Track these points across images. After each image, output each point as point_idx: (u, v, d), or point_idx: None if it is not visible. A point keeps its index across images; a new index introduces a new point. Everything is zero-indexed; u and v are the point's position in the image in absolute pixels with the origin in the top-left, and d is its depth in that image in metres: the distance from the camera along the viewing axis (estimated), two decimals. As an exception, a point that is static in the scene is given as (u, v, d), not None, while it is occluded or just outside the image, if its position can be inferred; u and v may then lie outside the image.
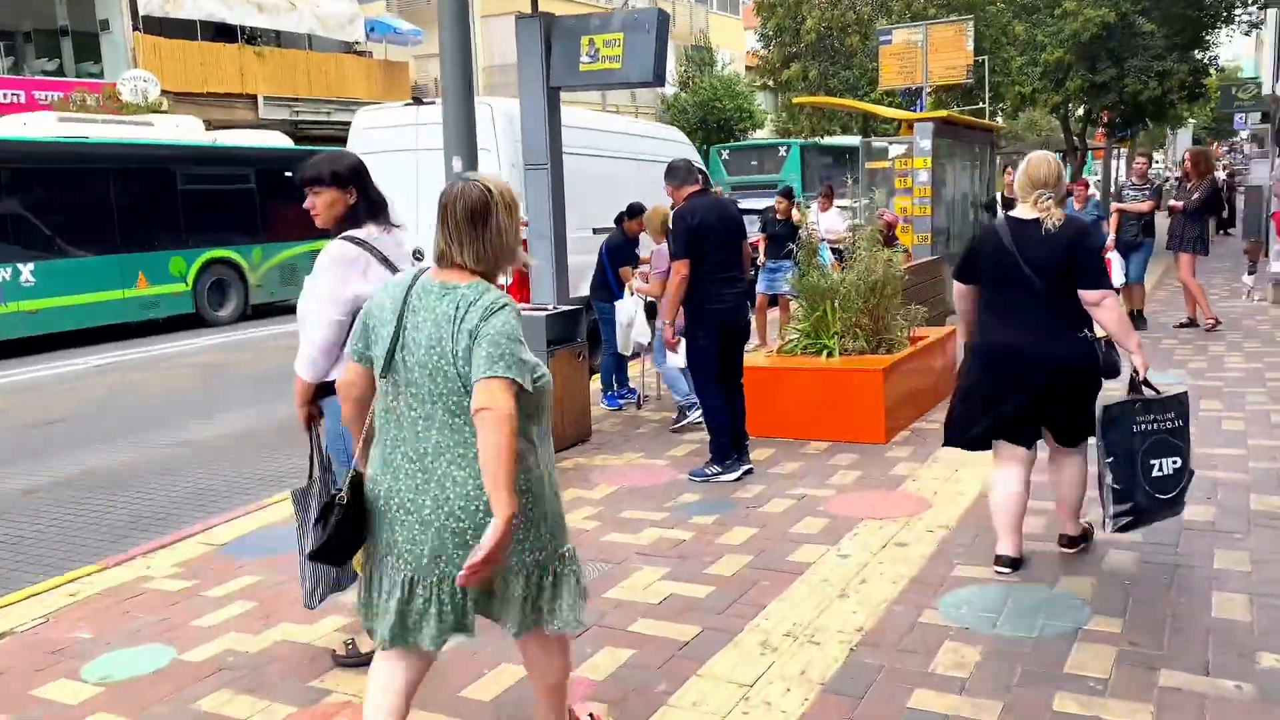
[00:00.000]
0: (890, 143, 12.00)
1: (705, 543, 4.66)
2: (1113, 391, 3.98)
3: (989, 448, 4.15)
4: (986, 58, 18.34)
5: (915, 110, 16.01)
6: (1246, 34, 23.15)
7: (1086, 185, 11.39)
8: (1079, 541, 4.25)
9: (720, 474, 5.77)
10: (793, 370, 6.84)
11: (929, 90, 16.01)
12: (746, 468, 5.86)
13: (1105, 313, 3.87)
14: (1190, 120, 51.51)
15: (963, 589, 3.94)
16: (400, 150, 9.15)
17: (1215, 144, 61.03)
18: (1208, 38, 22.56)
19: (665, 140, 12.88)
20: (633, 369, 8.24)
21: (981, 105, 18.25)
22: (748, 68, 28.49)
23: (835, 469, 5.87)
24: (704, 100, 37.47)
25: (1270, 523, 4.50)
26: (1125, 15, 19.86)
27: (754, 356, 7.17)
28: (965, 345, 4.30)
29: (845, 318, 6.99)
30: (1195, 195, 10.31)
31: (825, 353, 6.90)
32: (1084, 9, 19.77)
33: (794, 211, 10.53)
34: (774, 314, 10.99)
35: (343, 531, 2.55)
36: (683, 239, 5.73)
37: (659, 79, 6.64)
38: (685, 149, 13.31)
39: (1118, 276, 10.12)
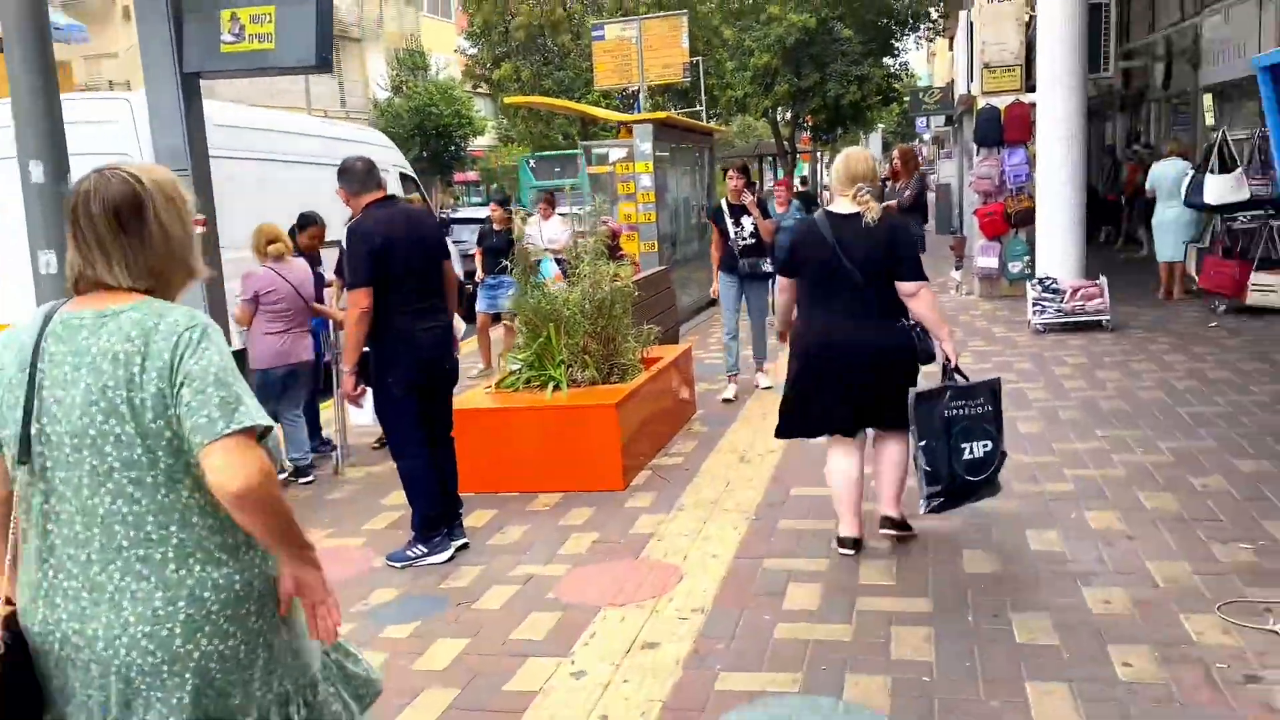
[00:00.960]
0: (611, 146, 11.24)
1: (398, 671, 3.49)
2: (930, 374, 4.16)
3: (821, 435, 4.34)
4: (700, 59, 18.22)
5: (634, 113, 15.47)
6: (931, 40, 24.71)
7: (788, 185, 11.00)
8: (900, 526, 4.25)
9: (426, 555, 4.60)
10: (515, 410, 5.79)
11: (646, 91, 15.51)
12: (460, 543, 4.73)
13: (921, 303, 4.01)
14: (880, 125, 55.74)
15: (732, 713, 3.03)
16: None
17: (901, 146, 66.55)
18: (896, 45, 23.89)
19: (365, 144, 11.47)
20: (326, 412, 6.88)
21: (699, 108, 18.11)
22: (462, 71, 27.25)
23: (568, 531, 4.87)
24: (419, 105, 35.78)
25: (1053, 568, 3.96)
26: (825, 21, 20.49)
27: (468, 397, 6.06)
28: (788, 339, 4.37)
29: (572, 344, 6.03)
30: (906, 193, 10.27)
31: (552, 386, 5.90)
32: (787, 14, 20.21)
33: (513, 221, 9.50)
34: (497, 332, 9.94)
35: (9, 694, 1.80)
36: (362, 262, 4.50)
37: (322, 64, 5.38)
38: (388, 154, 11.97)
39: None
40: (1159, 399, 6.44)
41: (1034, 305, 9.35)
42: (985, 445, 3.92)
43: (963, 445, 3.87)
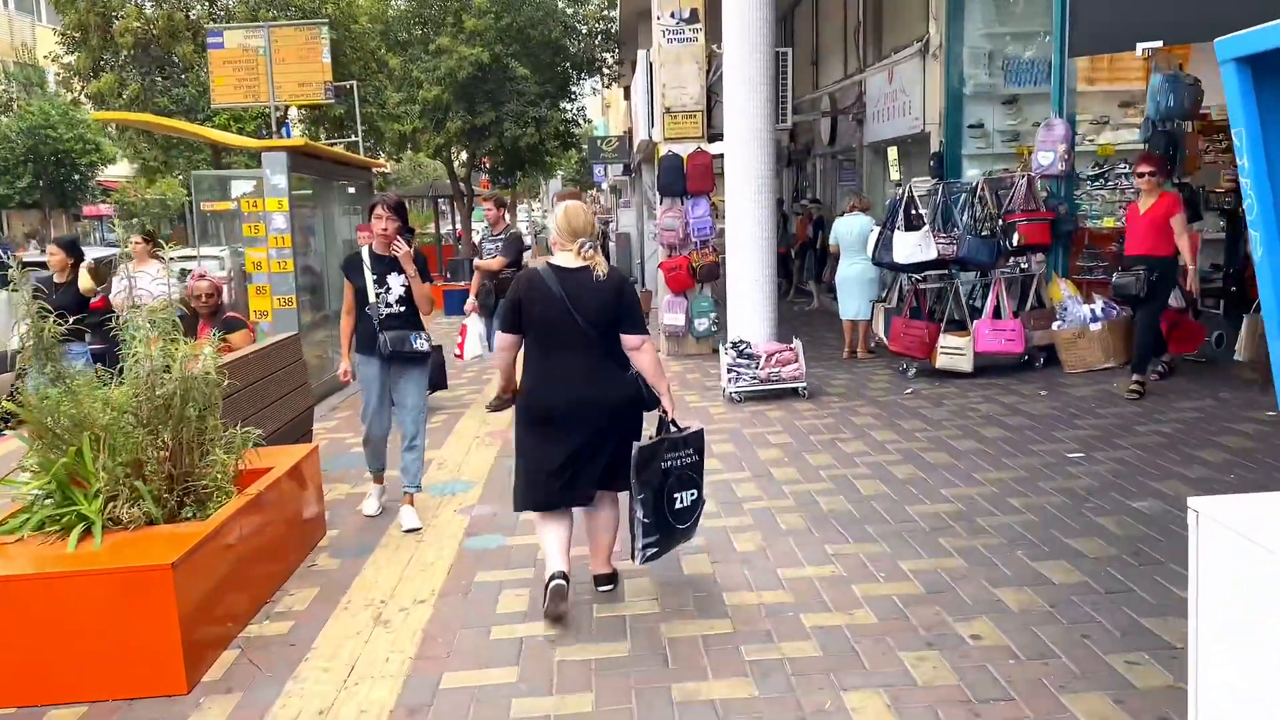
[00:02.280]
0: (234, 177, 9.13)
1: None
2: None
3: (560, 506, 4.12)
4: (356, 84, 16.25)
5: (284, 139, 13.24)
6: (607, 87, 24.24)
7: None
8: (611, 580, 4.28)
9: None
10: (9, 580, 3.71)
11: (286, 113, 13.30)
12: None
13: (645, 355, 4.04)
14: (560, 171, 56.04)
15: None
16: None
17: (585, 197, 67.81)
18: (574, 89, 23.25)
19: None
20: None
21: (355, 139, 16.15)
22: (57, 81, 23.29)
23: (69, 797, 2.96)
24: (33, 126, 30.66)
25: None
26: (499, 57, 19.31)
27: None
28: (513, 400, 4.23)
29: (117, 465, 4.08)
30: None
31: (80, 530, 3.91)
32: (458, 47, 18.81)
33: (83, 273, 7.20)
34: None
35: None
36: None
37: None
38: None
39: (472, 346, 8.42)
40: (881, 493, 5.53)
41: (728, 372, 8.43)
42: (692, 494, 4.11)
43: (675, 495, 4.03)
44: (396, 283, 5.34)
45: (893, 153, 11.23)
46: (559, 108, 21.32)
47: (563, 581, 3.96)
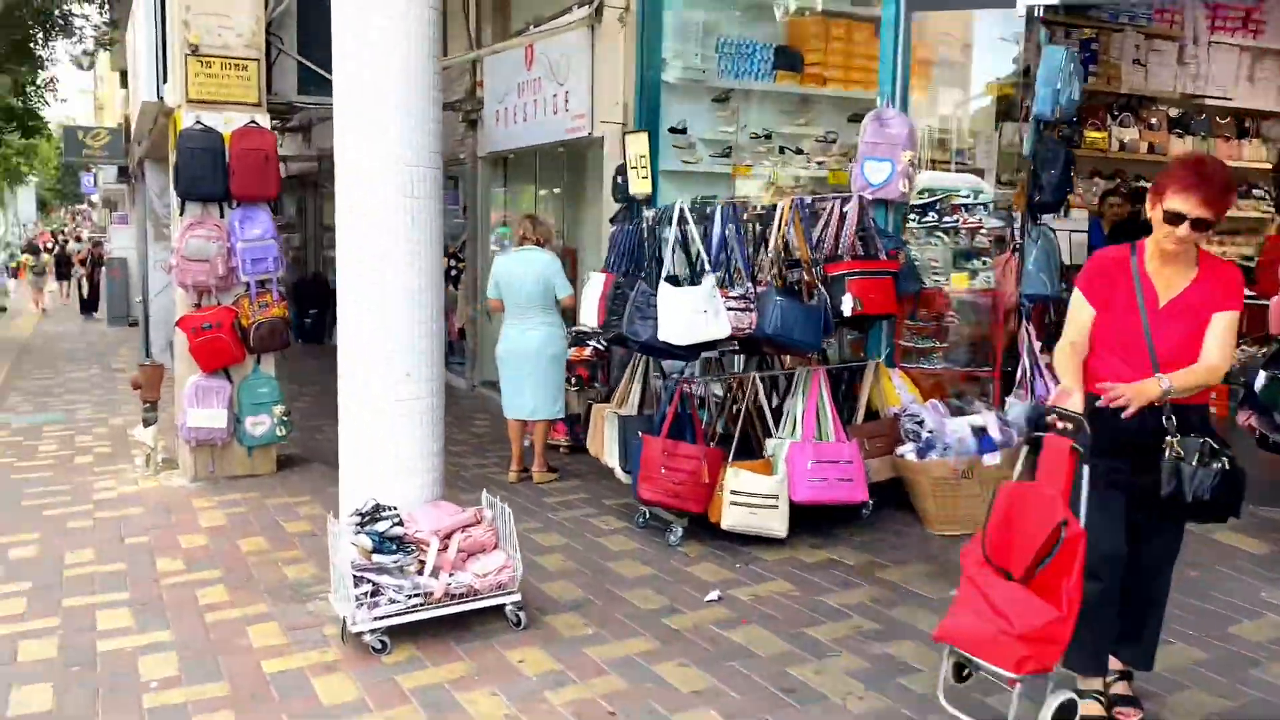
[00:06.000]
0: None
1: None
2: None
3: None
4: None
5: None
6: (88, 63, 17.33)
7: None
8: None
9: None
10: None
11: None
12: None
13: None
14: (32, 178, 45.10)
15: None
16: None
17: (69, 210, 55.54)
18: (41, 53, 16.34)
19: None
20: None
21: None
22: None
23: None
24: None
25: None
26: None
27: None
28: None
29: None
30: None
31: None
32: None
33: None
34: None
35: None
36: None
37: None
38: None
39: None
40: None
41: (358, 584, 3.80)
42: None
43: None
44: None
45: (639, 144, 6.97)
46: (10, 70, 14.59)
47: None
